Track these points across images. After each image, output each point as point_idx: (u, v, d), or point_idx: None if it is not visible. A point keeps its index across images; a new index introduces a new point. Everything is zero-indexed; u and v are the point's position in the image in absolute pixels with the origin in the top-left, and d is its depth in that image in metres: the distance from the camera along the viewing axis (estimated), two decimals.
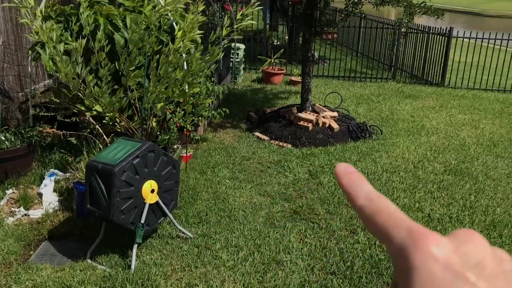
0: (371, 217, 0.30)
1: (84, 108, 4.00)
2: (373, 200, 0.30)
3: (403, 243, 0.27)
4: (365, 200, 0.30)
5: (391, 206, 0.30)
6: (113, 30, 4.16)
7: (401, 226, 0.28)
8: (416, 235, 0.27)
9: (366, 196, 0.31)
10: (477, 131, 6.69)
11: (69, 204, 4.03)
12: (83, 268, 3.26)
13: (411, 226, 0.28)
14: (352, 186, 0.31)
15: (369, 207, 0.30)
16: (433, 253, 0.26)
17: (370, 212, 0.30)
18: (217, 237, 3.68)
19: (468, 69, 9.85)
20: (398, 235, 0.28)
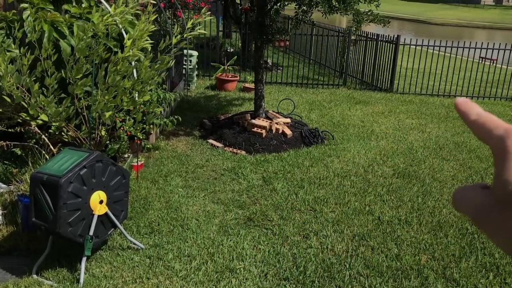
0: (481, 126, 0.39)
1: (29, 118, 3.86)
2: (482, 115, 0.40)
3: (501, 136, 0.37)
4: (476, 116, 0.40)
5: (494, 118, 0.39)
6: (59, 37, 4.05)
7: (501, 126, 0.38)
8: (510, 131, 0.37)
9: (477, 113, 0.40)
10: (424, 135, 6.94)
11: (14, 217, 3.87)
12: (29, 284, 3.13)
13: (508, 126, 0.38)
14: (468, 109, 0.41)
15: (479, 120, 0.39)
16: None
17: (480, 122, 0.39)
18: (169, 247, 3.63)
19: (415, 75, 10.23)
20: (498, 132, 0.38)
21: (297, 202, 4.54)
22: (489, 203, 0.38)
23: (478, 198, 0.39)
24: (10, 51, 3.65)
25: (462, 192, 0.41)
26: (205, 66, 10.12)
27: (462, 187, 0.42)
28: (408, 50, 10.14)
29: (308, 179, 5.09)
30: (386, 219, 4.29)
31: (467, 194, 0.41)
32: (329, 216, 4.30)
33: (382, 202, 4.63)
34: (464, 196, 0.41)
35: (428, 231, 4.12)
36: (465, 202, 0.41)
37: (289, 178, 5.09)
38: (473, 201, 0.40)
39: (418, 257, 3.70)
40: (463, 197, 0.41)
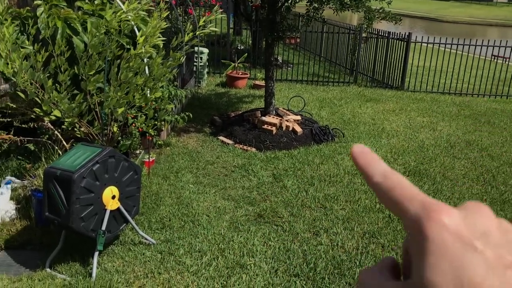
0: (387, 193, 0.31)
1: (43, 113, 3.90)
2: (388, 176, 0.32)
3: (417, 215, 0.29)
4: (380, 177, 0.32)
5: (405, 182, 0.31)
6: (72, 34, 4.08)
7: (415, 199, 0.30)
8: (429, 208, 0.29)
9: (382, 173, 0.32)
10: (435, 133, 6.90)
11: (27, 212, 3.92)
12: (42, 278, 3.17)
13: (424, 199, 0.30)
14: (368, 165, 0.33)
15: (385, 183, 0.32)
16: (445, 223, 0.28)
17: (386, 188, 0.31)
18: (180, 243, 3.66)
19: (427, 73, 10.16)
20: (413, 208, 0.30)
21: (307, 199, 4.54)
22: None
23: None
24: (25, 48, 3.69)
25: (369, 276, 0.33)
26: (215, 63, 10.14)
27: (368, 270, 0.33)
28: (420, 47, 10.08)
29: (318, 176, 5.09)
30: (397, 217, 4.27)
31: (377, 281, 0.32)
32: (339, 213, 4.30)
33: None
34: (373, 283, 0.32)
35: None
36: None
37: (299, 175, 5.09)
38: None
39: None
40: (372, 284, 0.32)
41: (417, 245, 0.29)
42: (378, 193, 0.32)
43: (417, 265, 0.29)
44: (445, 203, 0.30)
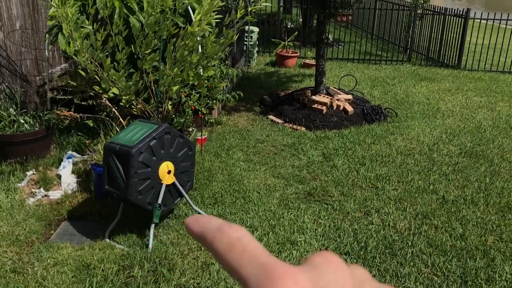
0: (224, 254, 0.25)
1: (101, 91, 4.06)
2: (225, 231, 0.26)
3: (257, 284, 0.24)
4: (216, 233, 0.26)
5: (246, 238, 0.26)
6: (129, 13, 4.19)
7: (255, 262, 0.24)
8: (272, 274, 0.24)
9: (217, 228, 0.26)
10: (494, 113, 6.62)
11: (87, 185, 4.12)
12: (102, 247, 3.34)
13: (266, 262, 0.24)
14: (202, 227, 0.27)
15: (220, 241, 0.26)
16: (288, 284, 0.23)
17: (222, 247, 0.25)
18: (232, 218, 3.74)
19: (485, 51, 9.71)
20: (251, 273, 0.24)
21: (358, 179, 4.51)
22: None
23: None
24: (84, 27, 3.83)
25: None
26: (265, 42, 10.11)
27: None
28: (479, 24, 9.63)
29: (370, 156, 5.03)
30: (451, 199, 4.18)
31: None
32: (391, 193, 4.24)
33: (447, 181, 4.50)
34: None
35: (495, 212, 3.98)
36: None
37: (350, 155, 5.05)
38: None
39: (485, 238, 3.59)
40: None
41: None
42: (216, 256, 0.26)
43: None
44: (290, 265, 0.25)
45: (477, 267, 3.25)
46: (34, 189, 4.14)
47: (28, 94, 5.08)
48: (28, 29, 5.10)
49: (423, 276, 3.15)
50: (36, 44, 5.22)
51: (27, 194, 4.07)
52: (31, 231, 3.54)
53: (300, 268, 0.25)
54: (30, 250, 3.34)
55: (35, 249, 3.33)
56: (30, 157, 4.48)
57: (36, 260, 3.21)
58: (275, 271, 0.24)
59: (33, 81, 5.16)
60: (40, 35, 5.25)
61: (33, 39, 5.18)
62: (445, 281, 3.11)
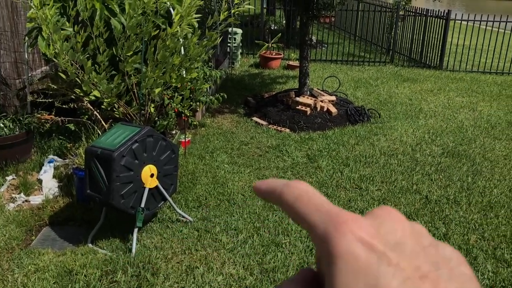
0: (292, 205, 0.28)
1: (82, 94, 4.00)
2: (291, 185, 0.29)
3: (324, 228, 0.26)
4: (283, 187, 0.29)
5: (310, 190, 0.28)
6: (110, 15, 4.14)
7: (322, 210, 0.27)
8: (336, 219, 0.26)
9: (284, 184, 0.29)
10: (475, 113, 6.71)
11: (69, 190, 4.06)
12: (85, 252, 3.29)
13: (331, 210, 0.27)
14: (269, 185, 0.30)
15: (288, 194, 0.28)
16: (355, 236, 0.25)
17: (290, 198, 0.28)
18: (216, 221, 3.72)
19: (466, 52, 9.84)
20: (320, 221, 0.26)
21: (342, 179, 4.52)
22: None
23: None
24: (65, 29, 3.78)
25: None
26: (249, 44, 10.10)
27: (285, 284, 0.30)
28: (459, 26, 9.75)
29: (354, 157, 5.05)
30: (434, 198, 4.21)
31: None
32: (375, 194, 4.26)
33: (430, 181, 4.54)
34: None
35: (478, 211, 4.02)
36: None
37: (334, 156, 5.07)
38: None
39: (467, 237, 3.63)
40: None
41: (327, 262, 0.25)
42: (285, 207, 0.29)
43: (329, 283, 0.25)
44: (353, 213, 0.27)
45: None
46: (14, 194, 4.06)
47: (7, 98, 4.99)
48: (7, 32, 5.01)
49: None
50: (15, 47, 5.13)
51: (7, 199, 4.00)
52: (11, 237, 3.48)
53: (363, 216, 0.27)
54: (10, 256, 3.27)
55: (15, 256, 3.26)
56: (10, 161, 4.40)
57: (16, 267, 3.15)
58: (340, 217, 0.26)
59: (13, 84, 5.07)
60: (19, 37, 5.16)
61: (12, 41, 5.10)
62: None
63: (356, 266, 0.25)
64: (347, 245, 0.25)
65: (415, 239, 0.27)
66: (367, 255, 0.25)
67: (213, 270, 3.14)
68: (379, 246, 0.25)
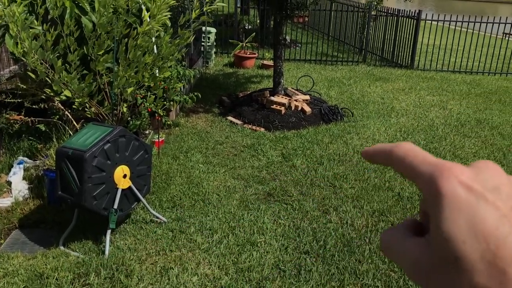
0: (401, 160, 0.33)
1: (53, 94, 3.92)
2: (399, 145, 0.34)
3: (430, 175, 0.31)
4: (392, 148, 0.34)
5: (417, 148, 0.33)
6: (80, 13, 4.07)
7: (428, 162, 0.32)
8: (441, 166, 0.31)
9: (392, 145, 0.34)
10: (445, 112, 6.85)
11: (40, 191, 3.97)
12: (56, 255, 3.23)
13: (436, 161, 0.32)
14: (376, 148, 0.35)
15: (397, 152, 0.33)
16: (457, 179, 0.30)
17: (400, 155, 0.33)
18: (191, 221, 3.70)
19: (437, 52, 10.04)
20: (426, 170, 0.31)
21: (316, 178, 4.56)
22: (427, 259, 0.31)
23: (414, 249, 0.32)
24: (34, 28, 3.69)
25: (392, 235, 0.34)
26: (223, 43, 10.08)
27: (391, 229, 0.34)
28: (430, 26, 9.93)
29: (328, 155, 5.09)
30: (406, 195, 4.28)
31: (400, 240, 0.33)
32: (349, 192, 4.31)
33: (402, 179, 4.61)
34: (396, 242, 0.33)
35: None
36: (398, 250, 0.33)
37: (308, 155, 5.10)
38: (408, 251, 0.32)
39: None
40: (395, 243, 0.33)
41: (433, 203, 0.30)
42: (394, 163, 0.34)
43: (434, 220, 0.30)
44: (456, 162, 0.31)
45: None
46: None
47: None
48: None
49: (381, 273, 3.21)
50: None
51: None
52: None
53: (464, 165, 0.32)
54: None
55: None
56: None
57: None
58: (444, 165, 0.31)
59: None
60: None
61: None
62: (402, 277, 3.17)
63: (458, 204, 0.29)
64: (451, 187, 0.30)
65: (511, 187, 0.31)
66: (467, 195, 0.29)
67: (188, 271, 3.12)
68: (478, 188, 0.30)
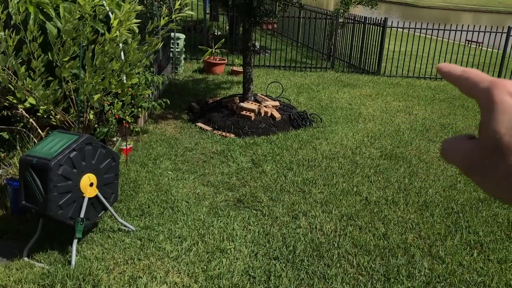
0: (466, 80, 0.40)
1: (16, 101, 3.83)
2: (466, 70, 0.41)
3: (487, 87, 0.38)
4: (460, 72, 0.42)
5: (479, 72, 0.41)
6: (45, 19, 3.99)
7: (486, 79, 0.39)
8: (496, 82, 0.38)
9: (461, 69, 0.42)
10: (411, 117, 7.01)
11: (3, 201, 3.86)
12: (20, 267, 3.14)
13: (492, 79, 0.39)
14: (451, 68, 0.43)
15: (464, 75, 0.41)
16: (507, 91, 0.37)
17: (465, 76, 0.41)
18: (160, 229, 3.66)
19: (402, 58, 10.28)
20: (484, 85, 0.39)
21: (286, 183, 4.58)
22: (476, 152, 0.39)
23: (466, 147, 0.40)
24: None
25: (450, 141, 0.42)
26: (192, 49, 10.05)
27: (449, 138, 0.43)
28: (396, 33, 10.17)
29: (297, 161, 5.13)
30: (374, 200, 4.35)
31: (455, 143, 0.41)
32: (318, 197, 4.35)
33: (369, 183, 4.69)
34: (452, 145, 0.41)
35: (414, 211, 4.20)
36: (453, 151, 0.41)
37: (278, 161, 5.13)
38: (461, 149, 0.40)
39: (405, 236, 3.78)
40: (451, 146, 0.41)
41: (487, 108, 0.38)
42: (460, 84, 0.41)
43: (486, 124, 0.38)
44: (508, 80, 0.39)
45: (399, 264, 3.41)
46: None
47: None
48: None
49: (349, 276, 3.25)
50: None
51: None
52: None
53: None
54: None
55: None
56: None
57: None
58: (497, 80, 0.38)
59: None
60: None
61: None
62: (369, 280, 3.22)
63: (506, 109, 0.37)
64: (502, 96, 0.37)
65: None
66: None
67: (157, 279, 3.09)
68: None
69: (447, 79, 0.43)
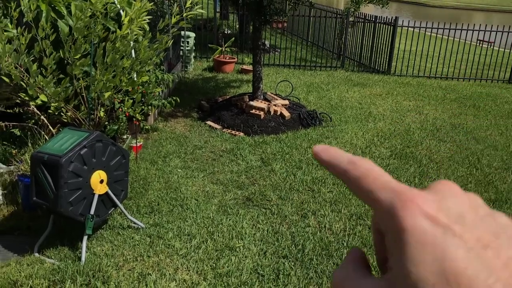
0: (356, 181, 0.29)
1: (28, 98, 3.86)
2: (357, 163, 0.30)
3: (390, 205, 0.27)
4: (348, 165, 0.30)
5: (375, 168, 0.30)
6: (57, 17, 4.02)
7: (387, 188, 0.28)
8: (402, 196, 0.27)
9: (349, 161, 0.30)
10: (421, 117, 6.97)
11: (14, 197, 3.89)
12: (31, 262, 3.17)
13: (397, 187, 0.28)
14: (333, 157, 0.31)
15: (353, 171, 0.29)
16: (421, 211, 0.27)
17: (355, 175, 0.29)
18: (169, 226, 3.67)
19: (413, 58, 10.21)
20: (385, 197, 0.28)
21: (295, 182, 4.58)
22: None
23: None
24: (8, 31, 3.63)
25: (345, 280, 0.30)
26: (202, 47, 10.07)
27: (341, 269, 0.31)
28: (406, 32, 10.11)
29: (306, 160, 5.12)
30: None
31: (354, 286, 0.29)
32: (327, 196, 4.34)
33: None
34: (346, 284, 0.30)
35: None
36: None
37: (287, 159, 5.12)
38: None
39: None
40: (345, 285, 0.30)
41: (394, 237, 0.27)
42: (348, 182, 0.30)
43: (396, 258, 0.27)
44: (416, 188, 0.29)
45: None
46: None
47: None
48: None
49: None
50: None
51: None
52: None
53: (425, 192, 0.29)
54: None
55: None
56: None
57: None
58: (406, 194, 0.28)
59: None
60: None
61: None
62: None
63: (423, 239, 0.26)
64: (414, 220, 0.26)
65: (473, 210, 0.28)
66: (433, 229, 0.26)
67: (166, 277, 3.10)
68: (443, 220, 0.27)
69: (329, 170, 0.32)
